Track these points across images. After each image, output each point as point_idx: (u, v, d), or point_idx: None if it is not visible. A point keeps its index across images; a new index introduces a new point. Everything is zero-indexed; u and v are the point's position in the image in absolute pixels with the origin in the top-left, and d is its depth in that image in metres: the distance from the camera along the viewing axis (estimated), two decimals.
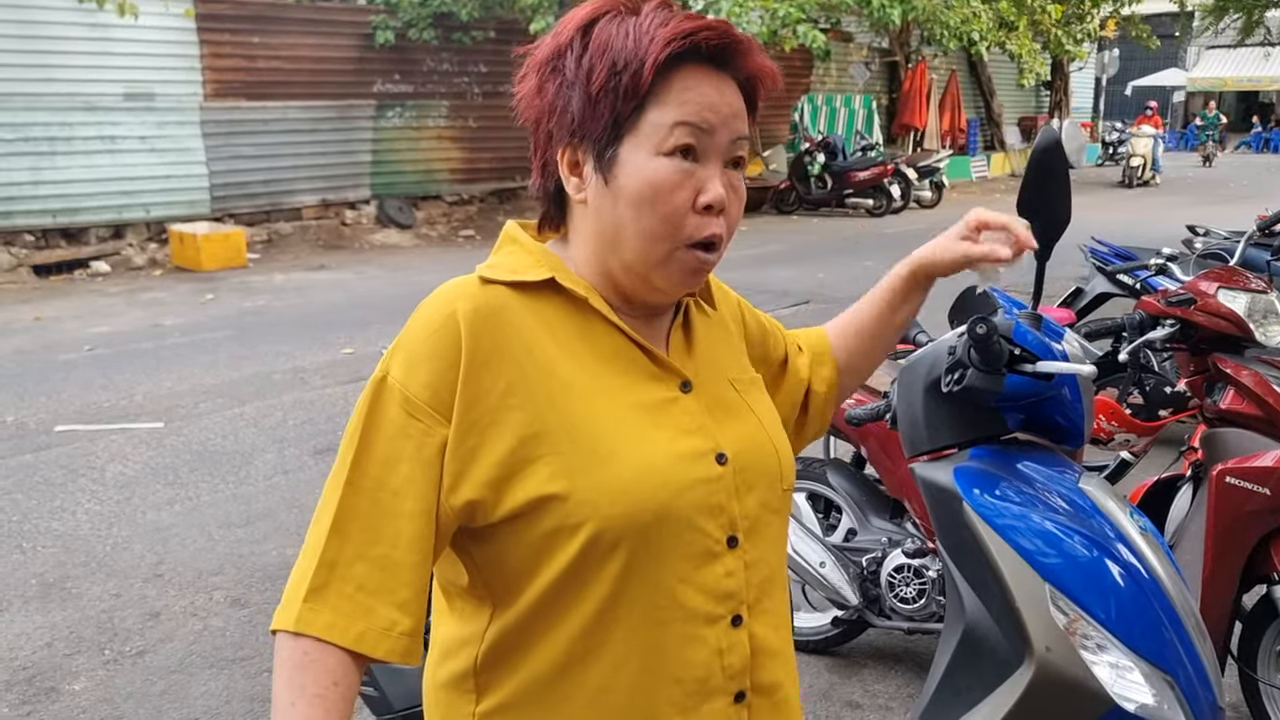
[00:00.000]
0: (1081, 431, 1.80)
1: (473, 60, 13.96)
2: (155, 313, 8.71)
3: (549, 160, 1.06)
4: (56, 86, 10.41)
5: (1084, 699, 1.53)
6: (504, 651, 1.03)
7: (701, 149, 1.00)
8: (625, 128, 0.99)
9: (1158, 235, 8.38)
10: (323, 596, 0.96)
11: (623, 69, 0.98)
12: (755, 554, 1.07)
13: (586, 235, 1.05)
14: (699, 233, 1.01)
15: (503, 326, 1.00)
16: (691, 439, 1.04)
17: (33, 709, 3.00)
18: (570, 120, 1.01)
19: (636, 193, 0.99)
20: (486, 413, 0.98)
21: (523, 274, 1.04)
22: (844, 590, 3.02)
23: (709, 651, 1.03)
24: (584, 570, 0.99)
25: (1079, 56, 21.70)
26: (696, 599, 1.02)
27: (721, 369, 1.14)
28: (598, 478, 0.97)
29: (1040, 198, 1.51)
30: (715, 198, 1.00)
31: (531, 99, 1.05)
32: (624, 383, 1.04)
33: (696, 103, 0.99)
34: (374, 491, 0.98)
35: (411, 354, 0.99)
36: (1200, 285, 2.77)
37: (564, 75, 1.01)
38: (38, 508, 4.45)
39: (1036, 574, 1.58)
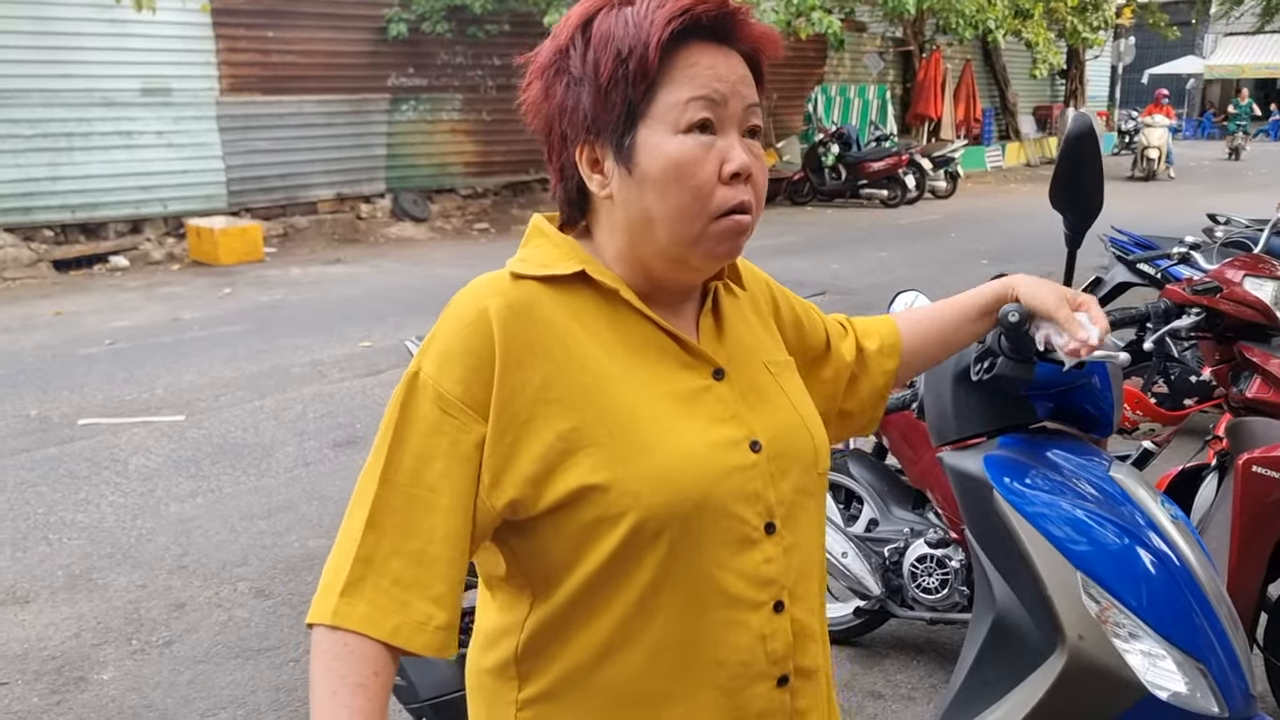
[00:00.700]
0: (1111, 420, 1.79)
1: (486, 53, 13.97)
2: (174, 307, 8.76)
3: (566, 163, 1.06)
4: (74, 82, 10.46)
5: (1117, 687, 1.53)
6: (544, 640, 1.04)
7: (718, 120, 1.00)
8: (639, 113, 1.00)
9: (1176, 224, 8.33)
10: (359, 590, 0.97)
11: (628, 55, 0.98)
12: (793, 539, 1.08)
13: (615, 229, 1.05)
14: (729, 202, 1.01)
15: (536, 322, 1.01)
16: (725, 427, 1.05)
17: (62, 698, 3.03)
18: (583, 117, 1.02)
19: (661, 173, 0.99)
20: (524, 408, 0.98)
21: (553, 267, 1.04)
22: (866, 580, 3.02)
23: (752, 637, 1.04)
24: (625, 560, 1.00)
25: (1096, 44, 21.52)
26: (737, 585, 1.03)
27: (754, 352, 1.14)
28: (638, 468, 0.98)
29: (1073, 185, 1.51)
30: (741, 164, 1.00)
31: (539, 104, 1.06)
32: (657, 373, 1.04)
33: (705, 76, 1.00)
34: (408, 487, 0.98)
35: (444, 350, 1.00)
36: (1226, 273, 2.75)
37: (570, 74, 1.02)
38: (63, 500, 4.49)
39: (1068, 562, 1.57)
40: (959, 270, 9.70)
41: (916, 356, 1.39)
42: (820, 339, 1.31)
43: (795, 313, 1.28)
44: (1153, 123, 19.84)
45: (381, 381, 6.30)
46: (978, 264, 10.16)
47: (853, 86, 19.14)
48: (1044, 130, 24.78)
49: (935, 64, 20.21)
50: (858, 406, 1.35)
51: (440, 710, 2.13)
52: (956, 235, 12.56)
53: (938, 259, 10.65)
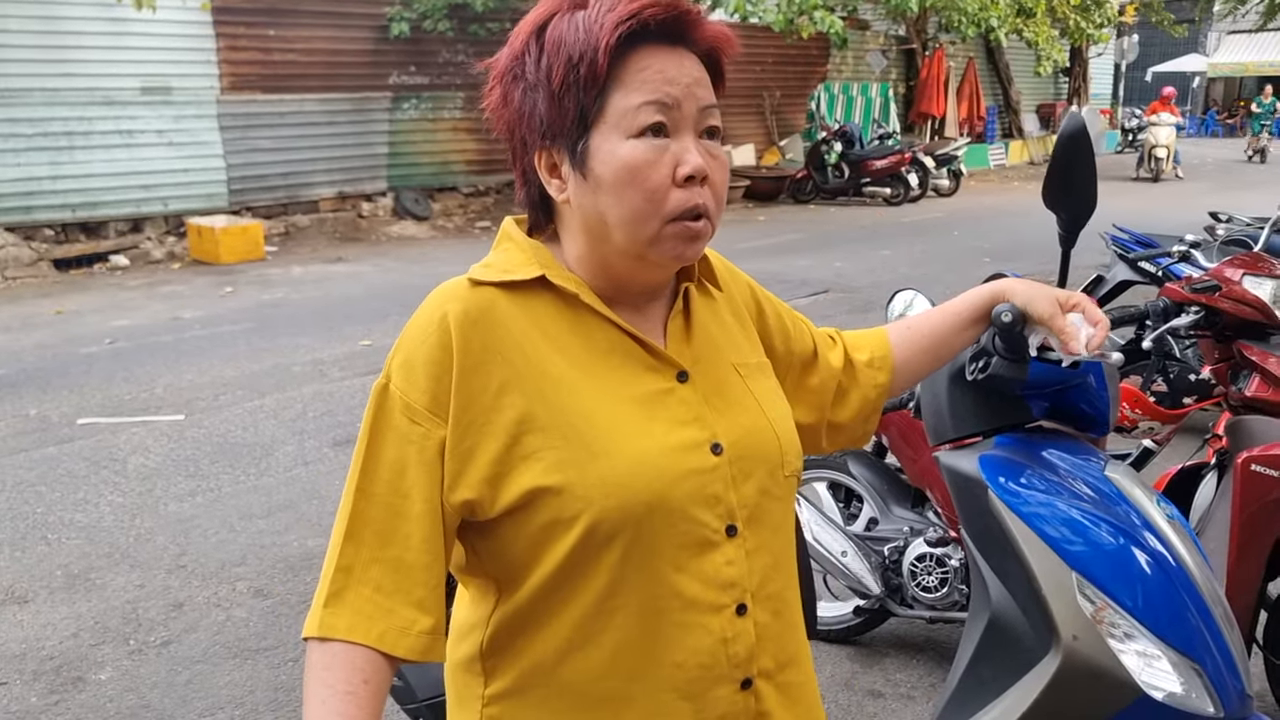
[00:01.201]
0: (1107, 419, 1.79)
1: (488, 51, 13.41)
2: (174, 306, 8.76)
3: (528, 167, 1.07)
4: (75, 81, 10.46)
5: (1111, 687, 1.52)
6: (507, 637, 1.06)
7: (671, 124, 1.00)
8: (592, 118, 1.00)
9: (1178, 223, 8.32)
10: (342, 600, 1.00)
11: (579, 61, 0.99)
12: (756, 541, 1.08)
13: (575, 232, 1.06)
14: (682, 205, 1.01)
15: (493, 327, 1.02)
16: (687, 430, 1.05)
17: (60, 698, 3.03)
18: (539, 123, 1.02)
19: (614, 178, 1.00)
20: (481, 413, 1.00)
21: (514, 273, 1.05)
22: (865, 579, 3.02)
23: (713, 640, 1.04)
24: (581, 561, 1.01)
25: (1101, 40, 21.47)
26: (694, 588, 1.03)
27: (724, 354, 1.14)
28: (592, 471, 0.99)
29: (1066, 185, 1.50)
30: (694, 167, 1.00)
31: (499, 110, 1.07)
32: (619, 376, 1.05)
33: (656, 80, 1.00)
34: (384, 496, 1.01)
35: (408, 359, 1.02)
36: (1225, 272, 2.74)
37: (526, 80, 1.03)
38: (61, 500, 4.49)
39: (1063, 562, 1.57)
40: (962, 268, 9.68)
41: (910, 368, 1.39)
42: (807, 346, 1.30)
43: (781, 318, 1.28)
44: (1159, 121, 19.28)
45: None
46: (981, 262, 10.14)
47: (855, 84, 19.11)
48: (1047, 128, 24.73)
49: (938, 62, 20.18)
50: (848, 418, 1.34)
51: (437, 710, 2.12)
52: (960, 233, 12.54)
53: (941, 257, 10.64)
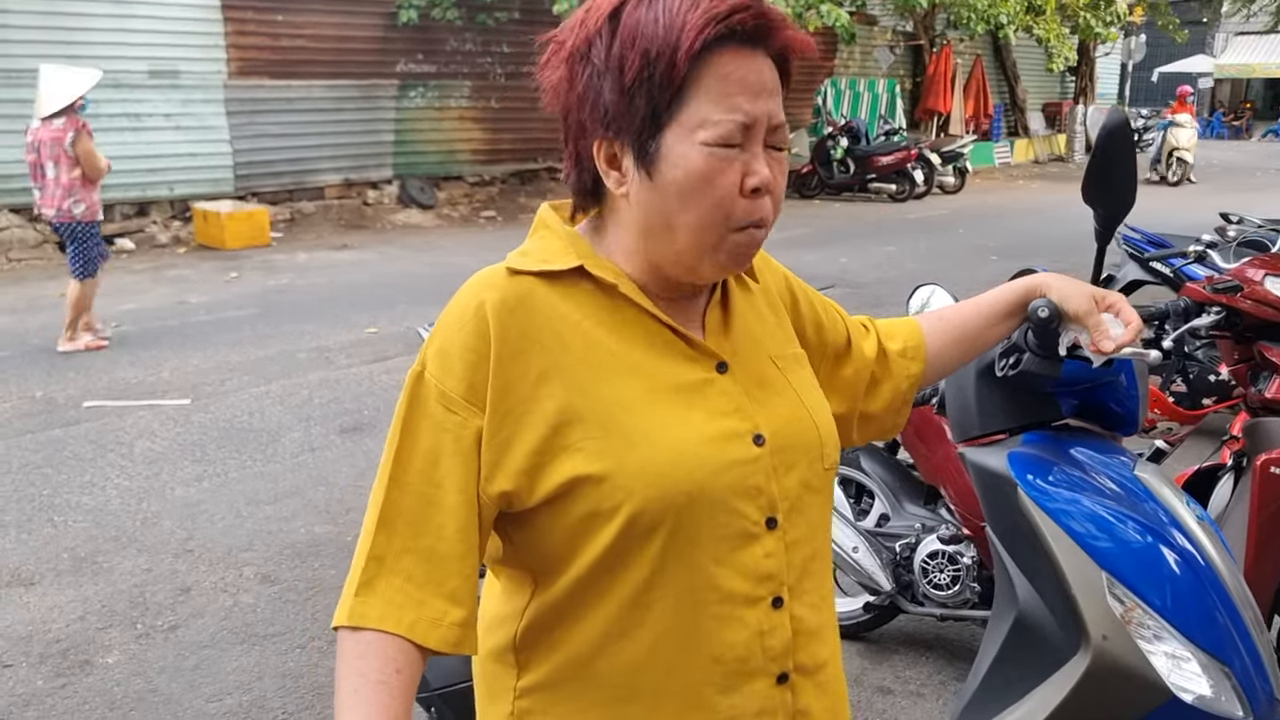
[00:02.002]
0: (1136, 419, 1.77)
1: (496, 40, 13.91)
2: (180, 290, 8.74)
3: (582, 151, 1.03)
4: (82, 63, 10.39)
5: (1141, 689, 1.51)
6: (543, 630, 1.04)
7: (745, 137, 0.98)
8: (665, 119, 0.97)
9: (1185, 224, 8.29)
10: (373, 589, 0.98)
11: (656, 58, 0.95)
12: (796, 534, 1.06)
13: (628, 227, 1.04)
14: (748, 216, 0.99)
15: (531, 316, 1.00)
16: (727, 420, 1.03)
17: (67, 681, 3.02)
18: (604, 113, 0.99)
19: (685, 184, 0.97)
20: (519, 402, 0.98)
21: (552, 262, 1.03)
22: (877, 576, 3.00)
23: (749, 633, 1.03)
24: (621, 553, 0.99)
25: (1110, 39, 21.40)
26: (734, 580, 1.02)
27: (762, 346, 1.12)
28: (632, 461, 0.97)
29: (1106, 180, 1.48)
30: (763, 180, 0.98)
31: (560, 89, 1.03)
32: (658, 367, 1.03)
33: (738, 93, 0.96)
34: (417, 486, 0.99)
35: (444, 347, 1.00)
36: (1247, 272, 2.72)
37: (593, 64, 0.99)
38: (68, 482, 4.48)
39: (1093, 561, 1.55)
40: (967, 266, 9.67)
41: (941, 360, 1.37)
42: (841, 336, 1.29)
43: (815, 309, 1.26)
44: (1181, 122, 18.44)
45: (389, 368, 6.28)
46: (986, 260, 10.13)
47: (862, 80, 19.06)
48: (1053, 127, 24.68)
49: (945, 59, 20.12)
50: (880, 409, 1.32)
51: (450, 700, 2.11)
52: (965, 231, 12.52)
53: (946, 254, 10.61)
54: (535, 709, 1.05)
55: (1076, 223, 13.11)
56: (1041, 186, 18.62)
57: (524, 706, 1.06)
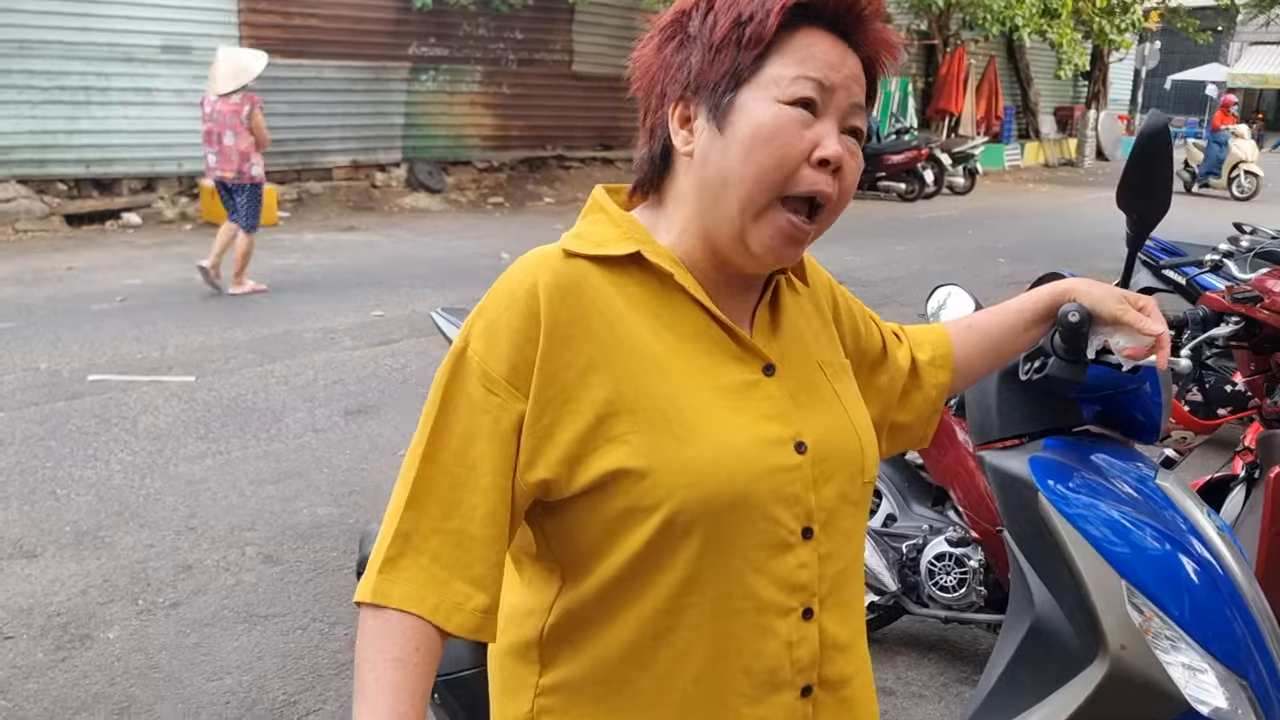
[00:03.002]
0: (1158, 426, 1.76)
1: (509, 26, 13.86)
2: (186, 266, 8.71)
3: (658, 123, 1.03)
4: (94, 36, 10.39)
5: (1158, 700, 1.50)
6: (571, 627, 1.02)
7: (822, 104, 0.97)
8: (744, 77, 0.97)
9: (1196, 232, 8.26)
10: (397, 568, 0.96)
11: (747, 20, 0.96)
12: (830, 546, 1.04)
13: (687, 192, 1.02)
14: (809, 185, 0.97)
15: (583, 302, 0.98)
16: (771, 425, 1.01)
17: (67, 655, 3.01)
18: (687, 74, 1.00)
19: (753, 134, 0.96)
20: (564, 389, 0.96)
21: (608, 247, 1.01)
22: (882, 576, 2.99)
23: (779, 644, 1.01)
24: (658, 553, 0.97)
25: (1123, 46, 21.34)
26: (768, 589, 1.00)
27: (810, 351, 1.10)
28: (676, 458, 0.95)
29: (1142, 184, 1.46)
30: (833, 153, 0.96)
31: (648, 59, 1.04)
32: (706, 363, 1.01)
33: (819, 60, 0.97)
34: (451, 465, 0.97)
35: (491, 326, 0.97)
36: (1268, 283, 2.69)
37: (686, 32, 1.01)
38: (71, 455, 4.47)
39: (1113, 569, 1.54)
40: (976, 268, 9.64)
41: (969, 368, 1.35)
42: (877, 344, 1.27)
43: (854, 316, 1.24)
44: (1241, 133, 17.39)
45: (394, 351, 6.26)
46: (995, 262, 10.11)
47: None
48: (1064, 131, 24.63)
49: (959, 59, 20.07)
50: (911, 419, 1.31)
51: (453, 687, 2.09)
52: (974, 232, 12.48)
53: (955, 255, 10.59)
54: (556, 708, 1.03)
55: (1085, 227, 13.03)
56: (1051, 190, 18.58)
57: (544, 705, 1.03)
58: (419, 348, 6.31)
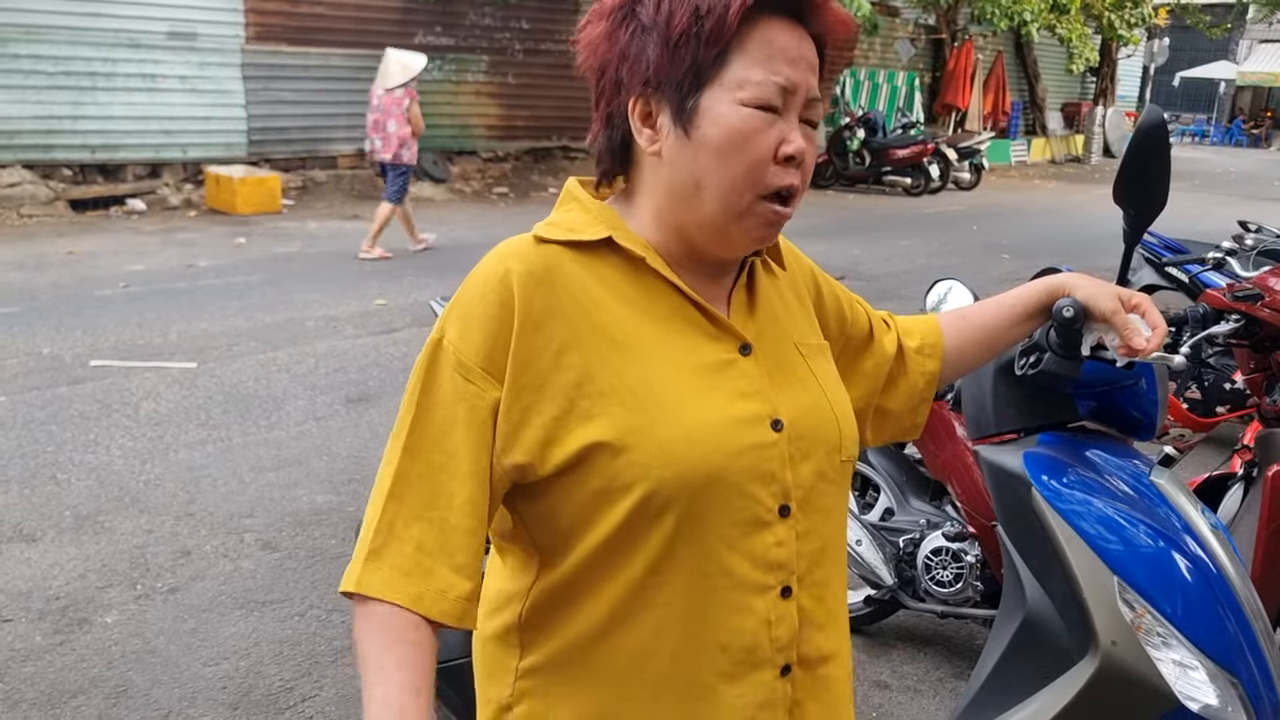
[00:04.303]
0: (1154, 423, 1.75)
1: (515, 16, 13.84)
2: (189, 253, 8.73)
3: (615, 111, 1.03)
4: (100, 21, 10.39)
5: (1148, 696, 1.50)
6: (548, 609, 1.03)
7: (784, 105, 0.98)
8: (706, 76, 0.97)
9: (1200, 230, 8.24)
10: (381, 557, 0.97)
11: (706, 15, 0.95)
12: (808, 524, 1.04)
13: (656, 189, 1.02)
14: (778, 181, 0.98)
15: (555, 287, 0.99)
16: (748, 403, 1.01)
17: (65, 638, 3.02)
18: (645, 67, 0.98)
19: (721, 142, 0.96)
20: (539, 375, 0.97)
21: (580, 232, 1.02)
22: (879, 569, 2.99)
23: (757, 621, 1.02)
24: (633, 532, 0.98)
25: (1132, 42, 21.25)
26: (744, 567, 1.00)
27: (786, 332, 1.11)
28: (650, 438, 0.96)
29: (1140, 179, 1.46)
30: (798, 149, 0.98)
31: (598, 44, 1.02)
32: (681, 343, 1.01)
33: (780, 58, 0.97)
34: (429, 455, 0.98)
35: (465, 316, 0.99)
36: (1269, 281, 2.69)
37: (639, 21, 0.99)
38: (72, 440, 4.48)
39: (1105, 565, 1.54)
40: (980, 263, 9.63)
41: (960, 358, 1.35)
42: (863, 329, 1.27)
43: (838, 300, 1.25)
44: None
45: (396, 340, 6.27)
46: (999, 258, 10.09)
47: (882, 72, 18.96)
48: (1071, 127, 24.55)
49: (966, 54, 19.99)
50: (898, 406, 1.31)
51: (446, 674, 2.10)
52: (979, 228, 12.46)
53: (959, 251, 10.57)
54: (535, 690, 1.04)
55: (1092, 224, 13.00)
56: (1057, 187, 18.53)
57: (523, 687, 1.05)
58: (421, 336, 6.31)
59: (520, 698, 1.05)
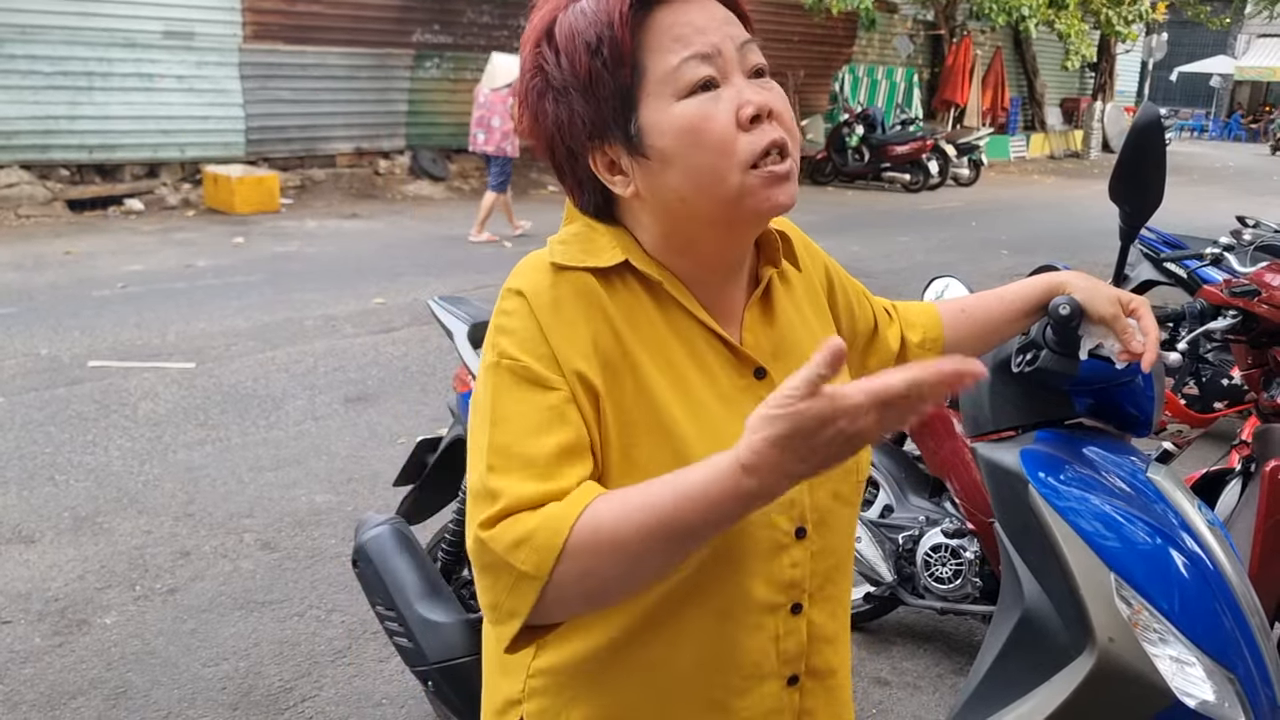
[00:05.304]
0: (1150, 420, 1.75)
1: (513, 14, 13.82)
2: (188, 253, 8.72)
3: (583, 175, 1.01)
4: (96, 21, 10.37)
5: (1145, 692, 1.50)
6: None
7: (719, 73, 0.94)
8: (634, 96, 0.94)
9: (1198, 225, 8.24)
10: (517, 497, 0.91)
11: (599, 43, 0.93)
12: (822, 544, 1.05)
13: (652, 220, 1.01)
14: (756, 146, 0.93)
15: (576, 319, 0.97)
16: None
17: (64, 640, 3.02)
18: (582, 124, 0.97)
19: (676, 144, 0.94)
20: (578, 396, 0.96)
21: (596, 256, 1.00)
22: (878, 566, 2.99)
23: (766, 638, 1.03)
24: None
25: (1129, 38, 21.23)
26: (761, 589, 1.01)
27: (802, 346, 1.10)
28: None
29: (1136, 176, 1.46)
30: (757, 105, 0.93)
31: (534, 129, 1.01)
32: (700, 371, 1.01)
33: (687, 32, 0.94)
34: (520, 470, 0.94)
35: (514, 334, 0.97)
36: (1265, 277, 2.69)
37: (553, 88, 0.97)
38: (70, 441, 4.48)
39: (1102, 562, 1.54)
40: (979, 259, 9.62)
41: (957, 350, 1.35)
42: (869, 325, 1.27)
43: (848, 296, 1.24)
44: None
45: (395, 339, 6.27)
46: (998, 254, 10.08)
47: (880, 68, 18.94)
48: (1070, 123, 24.54)
49: (965, 50, 19.97)
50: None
51: (448, 674, 2.11)
52: (977, 224, 12.45)
53: (958, 247, 10.56)
54: (548, 689, 1.05)
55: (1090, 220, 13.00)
56: (1056, 182, 18.52)
57: (535, 685, 1.06)
58: (420, 335, 6.31)
59: (531, 695, 1.06)
